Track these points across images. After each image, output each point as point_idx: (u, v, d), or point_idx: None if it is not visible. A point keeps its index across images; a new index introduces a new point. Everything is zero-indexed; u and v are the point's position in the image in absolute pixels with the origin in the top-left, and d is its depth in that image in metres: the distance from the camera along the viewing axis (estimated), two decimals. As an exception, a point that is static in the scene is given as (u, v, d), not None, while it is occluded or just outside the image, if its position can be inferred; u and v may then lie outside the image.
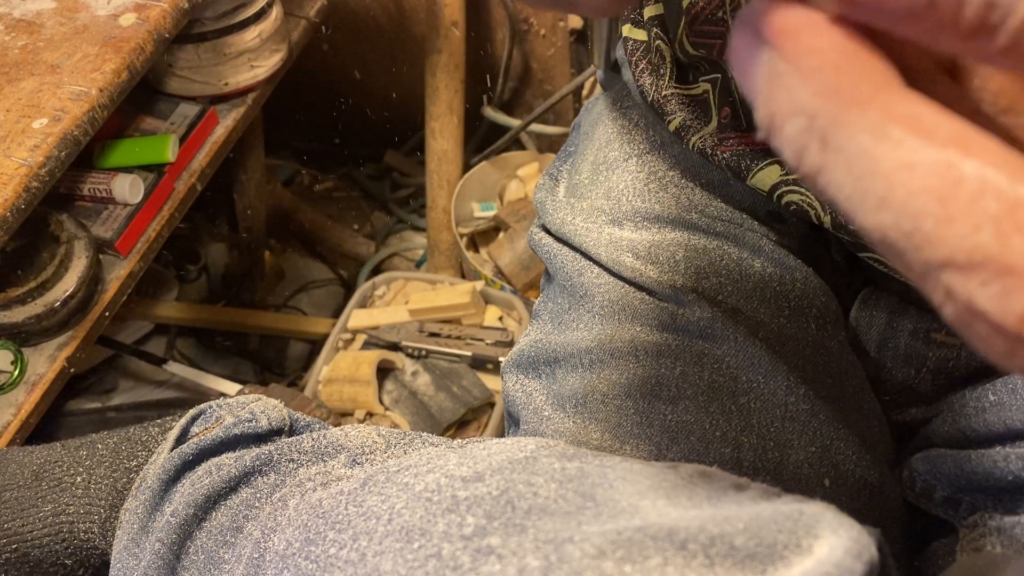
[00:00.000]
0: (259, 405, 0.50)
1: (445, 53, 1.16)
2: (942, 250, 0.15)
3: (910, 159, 0.15)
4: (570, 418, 0.50)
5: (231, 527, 0.44)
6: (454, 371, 1.13)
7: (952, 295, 0.15)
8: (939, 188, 0.15)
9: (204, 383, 1.19)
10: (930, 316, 0.53)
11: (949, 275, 0.15)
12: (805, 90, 0.16)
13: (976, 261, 0.15)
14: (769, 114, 0.17)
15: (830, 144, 0.16)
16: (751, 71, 0.18)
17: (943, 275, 0.15)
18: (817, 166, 0.17)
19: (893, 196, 0.15)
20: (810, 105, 0.16)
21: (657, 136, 0.55)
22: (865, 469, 0.49)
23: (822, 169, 0.16)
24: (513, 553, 0.31)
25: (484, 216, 1.32)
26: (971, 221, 0.15)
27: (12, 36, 0.75)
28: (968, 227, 0.15)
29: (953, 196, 0.15)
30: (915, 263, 0.16)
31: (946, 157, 0.15)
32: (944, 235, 0.15)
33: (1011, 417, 0.44)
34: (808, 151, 0.17)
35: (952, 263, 0.15)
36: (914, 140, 0.15)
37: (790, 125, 0.17)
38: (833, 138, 0.16)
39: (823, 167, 0.16)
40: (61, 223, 0.78)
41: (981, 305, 0.15)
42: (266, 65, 0.93)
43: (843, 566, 0.28)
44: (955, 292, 0.15)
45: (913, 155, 0.15)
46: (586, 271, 0.53)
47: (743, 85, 0.18)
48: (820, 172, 0.17)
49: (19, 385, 0.74)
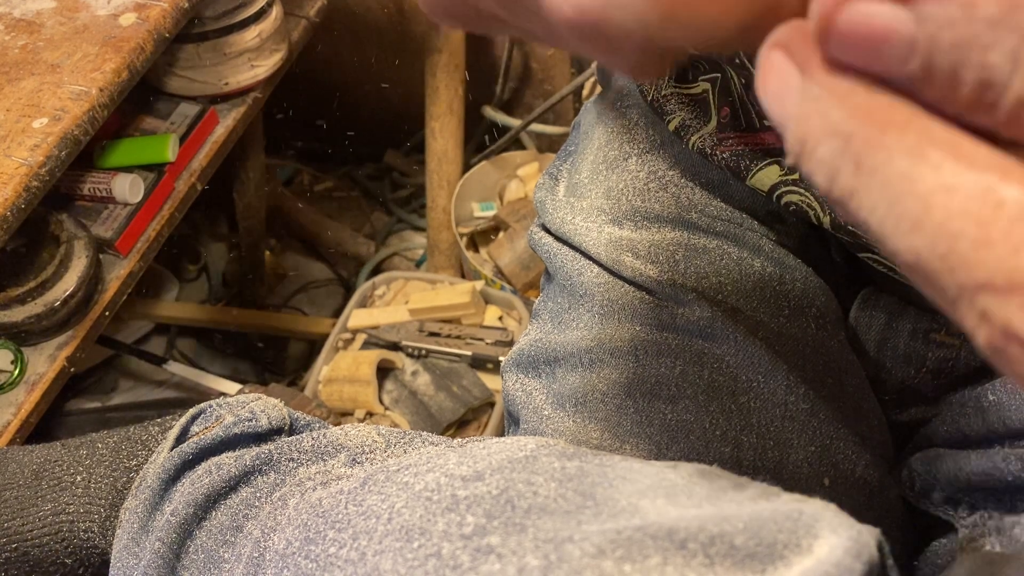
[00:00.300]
0: (259, 404, 0.50)
1: (445, 53, 1.16)
2: (980, 273, 0.15)
3: (949, 182, 0.15)
4: (570, 417, 0.50)
5: (231, 526, 0.44)
6: (454, 371, 1.13)
7: (988, 318, 0.15)
8: (978, 211, 0.15)
9: (204, 383, 1.19)
10: (930, 316, 0.53)
11: (986, 298, 0.15)
12: (840, 112, 0.16)
13: (1015, 283, 0.15)
14: (801, 137, 0.17)
15: (864, 166, 0.16)
16: (783, 95, 0.18)
17: (979, 298, 0.15)
18: (850, 189, 0.16)
19: (930, 218, 0.15)
20: (845, 127, 0.16)
21: (657, 135, 0.55)
22: (865, 469, 0.49)
23: (855, 192, 0.16)
24: (513, 552, 0.31)
25: (484, 216, 1.32)
26: (1011, 244, 0.15)
27: (12, 36, 0.75)
28: (1008, 249, 0.15)
29: (993, 219, 0.15)
30: (949, 286, 0.15)
31: (986, 181, 0.15)
32: (982, 257, 0.15)
33: (1011, 417, 0.44)
34: (841, 174, 0.17)
35: (990, 285, 0.15)
36: (953, 164, 0.15)
37: (823, 148, 0.17)
38: (868, 160, 0.16)
39: (856, 190, 0.16)
40: (61, 223, 0.78)
41: (1018, 328, 0.15)
42: (266, 65, 0.93)
43: (843, 566, 0.28)
44: (991, 315, 0.15)
45: (952, 178, 0.15)
46: (586, 270, 0.53)
47: (773, 110, 0.18)
48: (853, 195, 0.16)
49: (19, 385, 0.75)
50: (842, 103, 0.17)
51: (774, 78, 0.18)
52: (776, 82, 0.18)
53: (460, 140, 1.26)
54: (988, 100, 0.15)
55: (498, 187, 1.35)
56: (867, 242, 0.48)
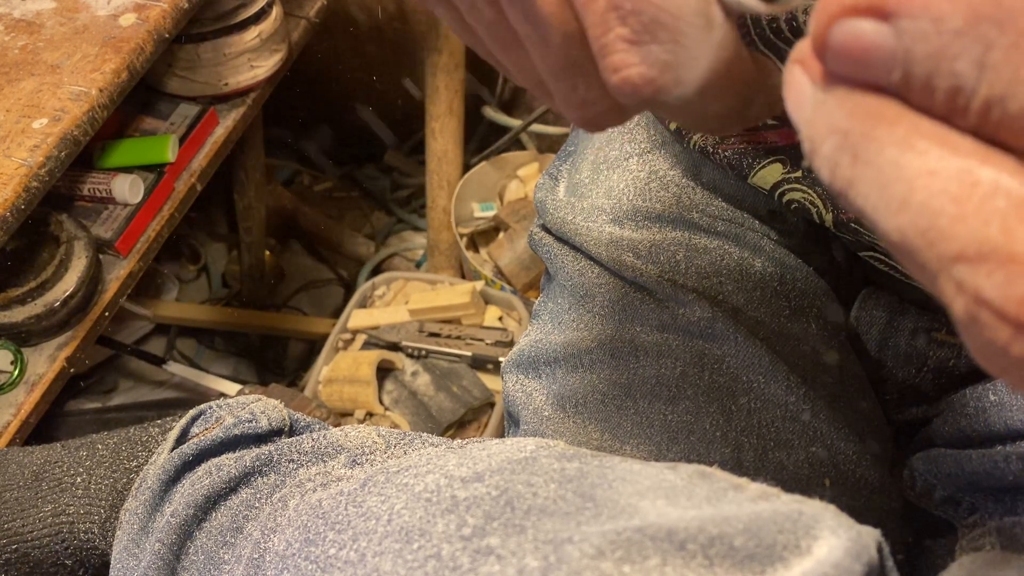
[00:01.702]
0: (259, 405, 0.50)
1: (445, 53, 1.16)
2: (954, 245, 0.16)
3: (933, 166, 0.17)
4: (570, 418, 0.50)
5: (231, 527, 0.44)
6: (454, 371, 1.13)
7: (962, 288, 0.16)
8: (956, 190, 0.16)
9: (204, 383, 1.19)
10: (930, 316, 0.53)
11: (959, 268, 0.16)
12: (840, 113, 0.18)
13: (984, 252, 0.16)
14: (811, 137, 0.19)
15: (860, 158, 0.18)
16: (800, 103, 0.20)
17: (955, 269, 0.16)
18: (848, 179, 0.18)
19: (913, 198, 0.17)
20: (843, 125, 0.18)
21: (658, 135, 0.55)
22: (865, 469, 0.49)
23: (852, 182, 0.18)
24: (512, 553, 0.31)
25: (484, 216, 1.32)
26: (981, 217, 0.16)
27: (12, 36, 0.75)
28: (979, 223, 0.16)
29: (968, 196, 0.16)
30: (929, 260, 0.17)
31: (966, 165, 0.17)
32: (957, 231, 0.16)
33: (1011, 417, 0.44)
34: (840, 166, 0.18)
35: (963, 256, 0.16)
36: (938, 150, 0.17)
37: (827, 145, 0.19)
38: (863, 152, 0.18)
39: (853, 180, 0.18)
40: (61, 223, 0.78)
41: (987, 293, 0.16)
42: (266, 65, 0.93)
43: (842, 567, 0.28)
44: (965, 284, 0.16)
45: (936, 163, 0.17)
46: (587, 271, 0.53)
47: (794, 116, 0.20)
48: (851, 185, 0.18)
49: (19, 385, 0.74)
50: (841, 105, 0.19)
51: (794, 89, 0.20)
52: (795, 92, 0.20)
53: (460, 140, 1.26)
54: (960, 104, 0.17)
55: (498, 187, 1.35)
56: (869, 241, 0.48)
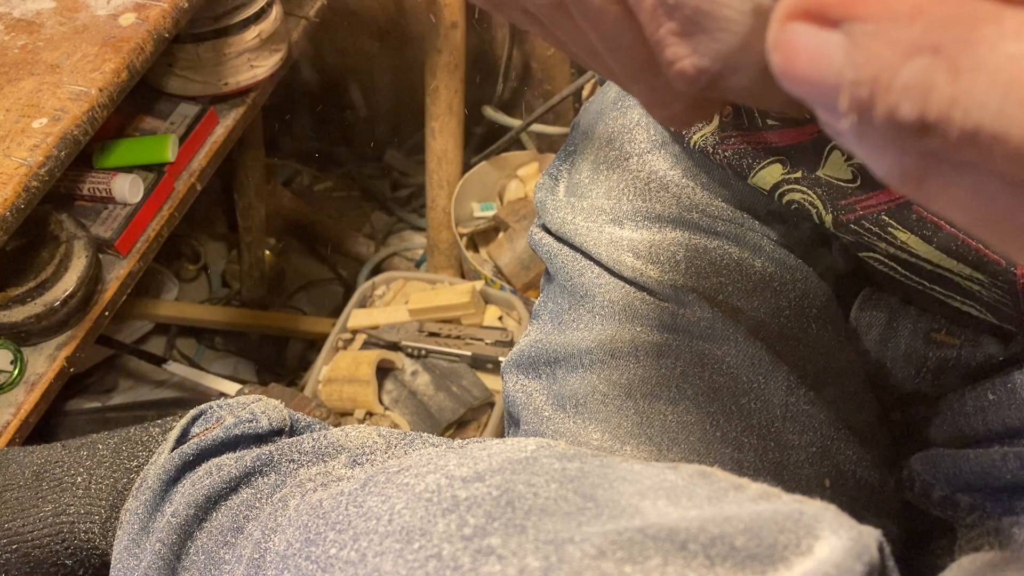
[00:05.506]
0: (259, 405, 0.50)
1: (445, 53, 1.16)
2: None
3: None
4: (570, 418, 0.50)
5: (231, 527, 0.44)
6: (454, 371, 1.13)
7: None
8: None
9: (204, 383, 1.19)
10: (930, 316, 0.53)
11: None
12: (913, 32, 0.16)
13: None
14: (871, 77, 0.16)
15: (963, 68, 0.15)
16: (820, 59, 0.17)
17: None
18: (951, 98, 0.16)
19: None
20: (927, 41, 0.16)
21: (657, 135, 0.55)
22: (865, 469, 0.49)
23: (956, 100, 0.16)
24: (513, 553, 0.31)
25: (484, 216, 1.32)
26: None
27: (12, 36, 0.75)
28: None
29: None
30: None
31: None
32: None
33: (1010, 417, 0.44)
34: (936, 88, 0.16)
35: None
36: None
37: (907, 71, 0.16)
38: (968, 60, 0.15)
39: (957, 96, 0.16)
40: (61, 223, 0.78)
41: None
42: (266, 65, 0.92)
43: (843, 567, 0.28)
44: None
45: None
46: (586, 271, 0.53)
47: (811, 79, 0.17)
48: (954, 104, 0.16)
49: (19, 385, 0.74)
50: (912, 22, 0.16)
51: (802, 48, 0.17)
52: (807, 50, 0.17)
53: (460, 140, 1.26)
54: None
55: (498, 187, 1.35)
56: (869, 241, 0.48)
